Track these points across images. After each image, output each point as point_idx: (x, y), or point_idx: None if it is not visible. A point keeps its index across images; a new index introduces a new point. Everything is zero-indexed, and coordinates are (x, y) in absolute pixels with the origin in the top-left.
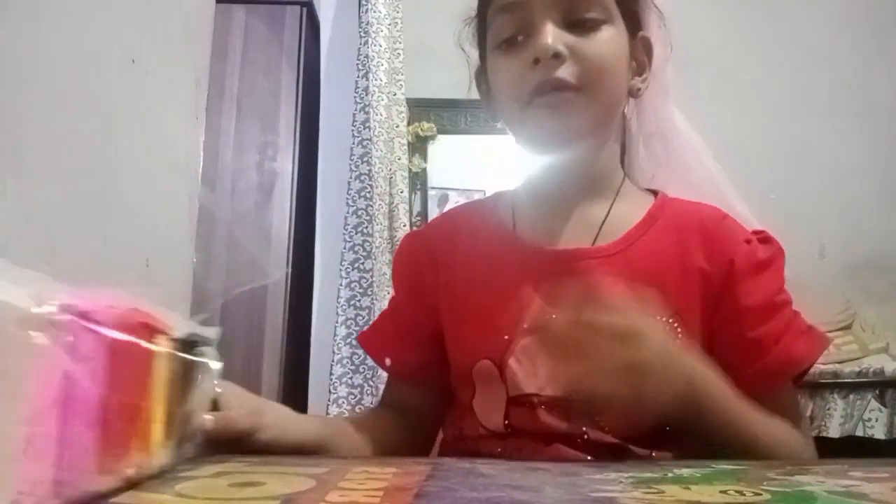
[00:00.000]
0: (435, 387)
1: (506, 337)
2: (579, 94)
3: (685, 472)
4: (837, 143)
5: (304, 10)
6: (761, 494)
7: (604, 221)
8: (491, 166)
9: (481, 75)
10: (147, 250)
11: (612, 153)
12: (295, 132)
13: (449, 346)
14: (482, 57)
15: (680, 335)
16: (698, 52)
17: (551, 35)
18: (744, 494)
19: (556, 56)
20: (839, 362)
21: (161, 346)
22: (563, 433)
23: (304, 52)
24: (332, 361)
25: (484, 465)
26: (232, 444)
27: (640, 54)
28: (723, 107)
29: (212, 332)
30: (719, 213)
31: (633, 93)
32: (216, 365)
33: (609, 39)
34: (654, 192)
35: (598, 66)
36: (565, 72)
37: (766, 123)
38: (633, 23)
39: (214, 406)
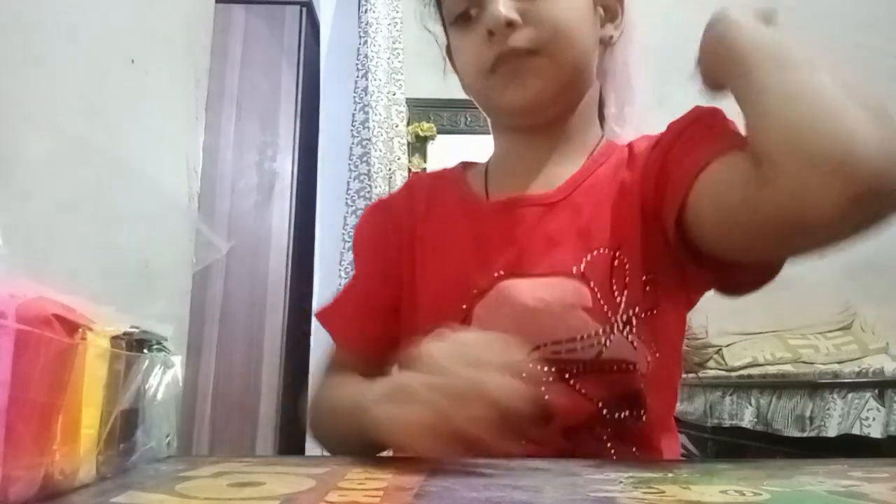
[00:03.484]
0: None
1: (463, 306)
2: (539, 58)
3: (685, 471)
4: None
5: (304, 10)
6: (761, 494)
7: (559, 170)
8: None
9: (450, 51)
10: (147, 251)
11: (588, 111)
12: (294, 132)
13: (406, 318)
14: (446, 34)
15: (627, 268)
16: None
17: (501, 3)
18: (744, 494)
19: (510, 24)
20: (839, 362)
21: (90, 342)
22: None
23: (303, 52)
24: None
25: (484, 465)
26: None
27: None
28: (726, 104)
29: (164, 330)
30: (644, 137)
31: (606, 41)
32: (174, 363)
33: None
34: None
35: (555, 27)
36: (521, 39)
37: None
38: None
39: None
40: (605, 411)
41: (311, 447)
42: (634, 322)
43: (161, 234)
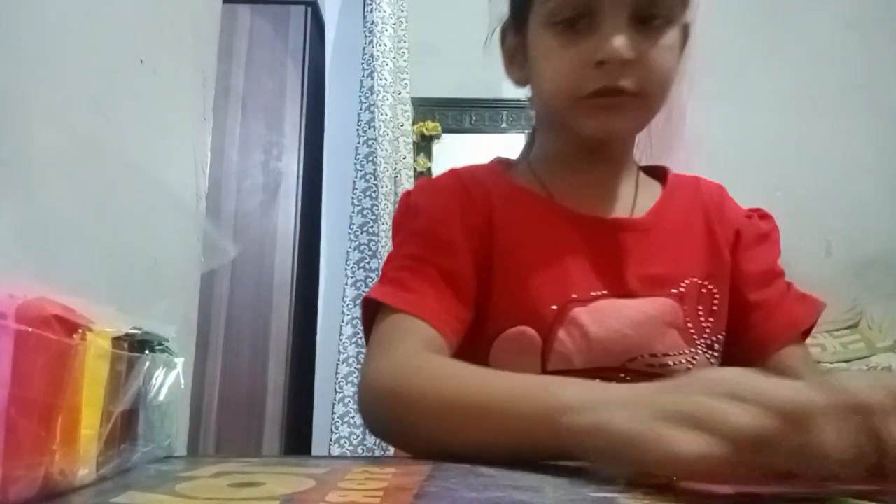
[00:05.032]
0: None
1: (553, 307)
2: (637, 101)
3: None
4: (844, 141)
5: (309, 9)
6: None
7: (636, 195)
8: None
9: (511, 35)
10: (156, 249)
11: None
12: (300, 132)
13: (478, 307)
14: (519, 19)
15: (715, 298)
16: (705, 50)
17: (624, 39)
18: (744, 495)
19: (625, 64)
20: (846, 361)
21: (90, 342)
22: None
23: (308, 51)
24: (338, 360)
25: (484, 464)
26: None
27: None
28: (730, 104)
29: (167, 330)
30: (722, 188)
31: None
32: (176, 365)
33: (673, 44)
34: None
35: (660, 77)
36: (630, 81)
37: (773, 121)
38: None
39: None
40: None
41: (318, 447)
42: (716, 347)
43: (169, 233)
